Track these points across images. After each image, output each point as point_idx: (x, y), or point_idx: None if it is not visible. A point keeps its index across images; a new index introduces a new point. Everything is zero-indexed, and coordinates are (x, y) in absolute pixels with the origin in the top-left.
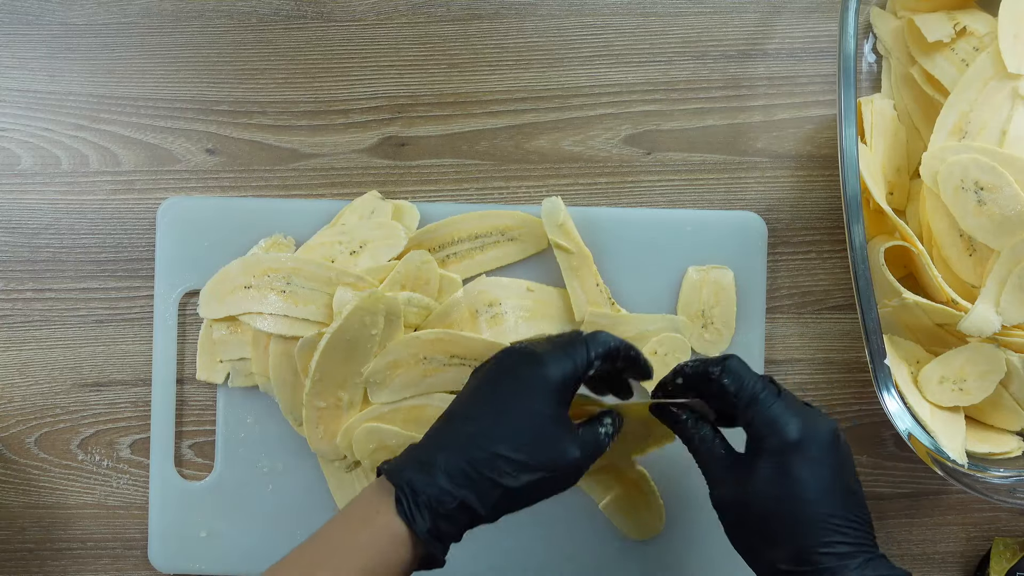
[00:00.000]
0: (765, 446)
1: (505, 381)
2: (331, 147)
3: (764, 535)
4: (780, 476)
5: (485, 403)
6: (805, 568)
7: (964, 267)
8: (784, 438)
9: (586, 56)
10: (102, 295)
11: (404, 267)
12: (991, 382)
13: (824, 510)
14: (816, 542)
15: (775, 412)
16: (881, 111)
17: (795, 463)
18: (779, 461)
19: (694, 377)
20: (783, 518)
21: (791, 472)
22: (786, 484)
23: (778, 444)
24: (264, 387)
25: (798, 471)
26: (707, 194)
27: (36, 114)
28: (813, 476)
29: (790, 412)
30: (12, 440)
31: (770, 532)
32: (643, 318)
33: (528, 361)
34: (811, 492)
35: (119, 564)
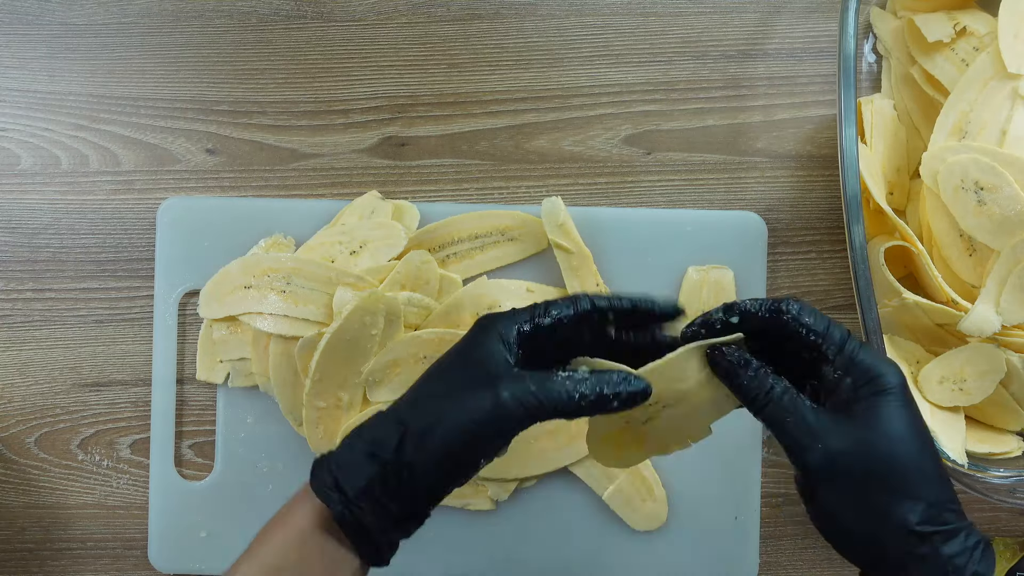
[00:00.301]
0: (866, 390)
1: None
2: (331, 147)
3: (888, 490)
4: (894, 420)
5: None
6: (942, 528)
7: (964, 267)
8: (888, 381)
9: (586, 56)
10: (102, 295)
11: (404, 267)
12: (991, 382)
13: (936, 459)
14: (947, 495)
15: (871, 357)
16: (881, 111)
17: (902, 408)
18: (888, 405)
19: (756, 318)
20: (912, 466)
21: (905, 416)
22: (904, 428)
23: (882, 388)
24: (264, 387)
25: (911, 415)
26: (707, 194)
27: (36, 114)
28: (920, 423)
29: (882, 357)
30: (12, 440)
31: (896, 484)
32: None
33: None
34: (925, 438)
35: (119, 564)
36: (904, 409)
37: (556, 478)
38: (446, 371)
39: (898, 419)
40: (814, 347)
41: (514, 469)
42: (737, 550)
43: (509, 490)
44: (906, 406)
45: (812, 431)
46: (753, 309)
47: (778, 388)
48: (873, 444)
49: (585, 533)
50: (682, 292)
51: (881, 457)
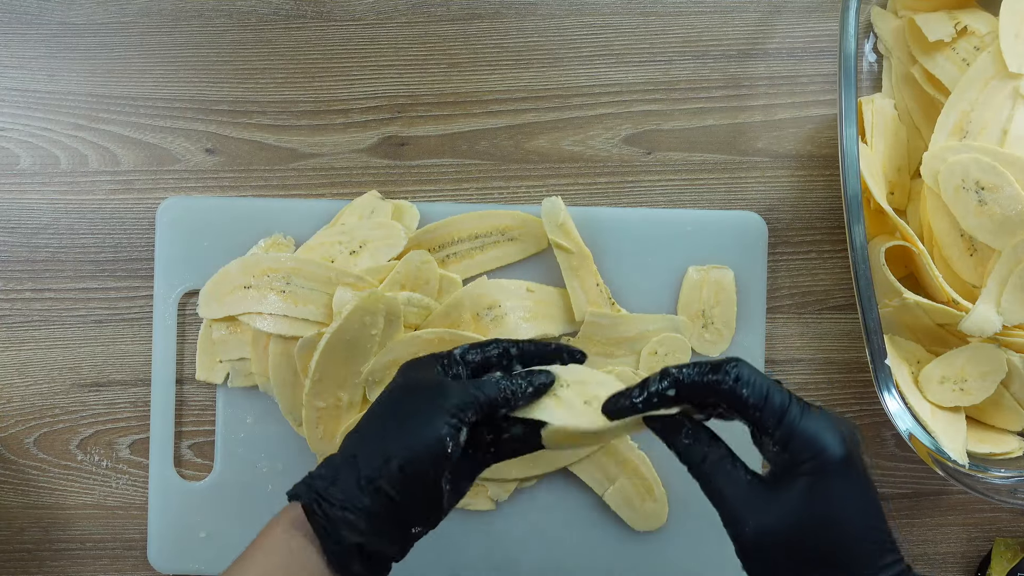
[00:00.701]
0: (806, 467)
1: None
2: (331, 147)
3: (814, 566)
4: (831, 499)
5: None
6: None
7: (965, 267)
8: (829, 456)
9: (586, 56)
10: (101, 295)
11: (404, 267)
12: (992, 382)
13: (873, 527)
14: (876, 564)
15: (812, 427)
16: (882, 111)
17: (844, 482)
18: (827, 482)
19: (692, 387)
20: (841, 545)
21: (842, 492)
22: (840, 507)
23: (822, 464)
24: (264, 387)
25: (849, 490)
26: (707, 194)
27: (35, 113)
28: (862, 493)
29: (825, 425)
30: (11, 440)
31: (822, 562)
32: (643, 318)
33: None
34: (862, 511)
35: (118, 565)
36: (842, 482)
37: (556, 478)
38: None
39: (831, 495)
40: (753, 419)
41: (514, 469)
42: None
43: (509, 490)
44: (845, 477)
45: (743, 506)
46: (688, 380)
47: (712, 456)
48: (801, 525)
49: (585, 533)
50: (682, 292)
51: (807, 537)
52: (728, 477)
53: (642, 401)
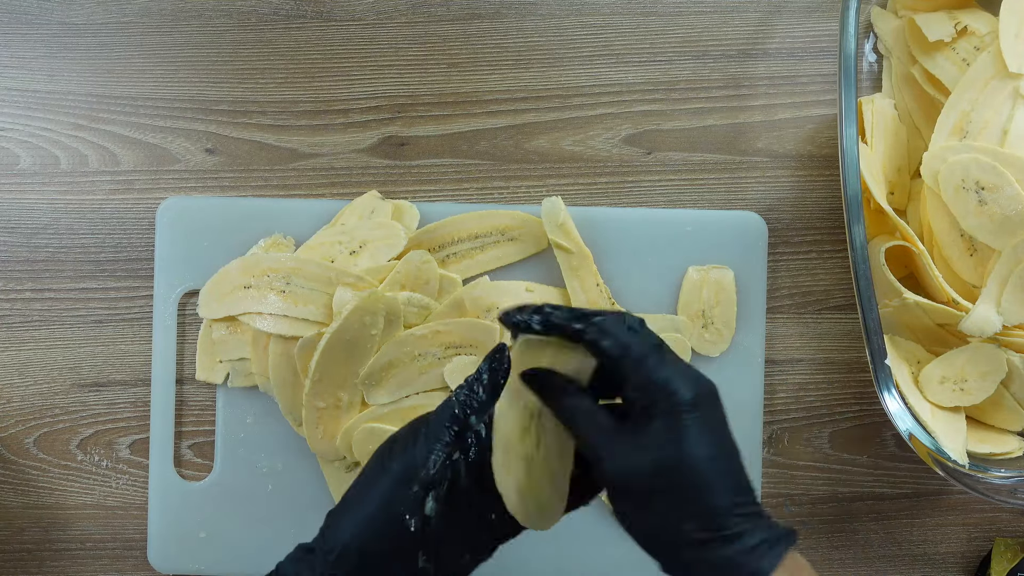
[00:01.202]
0: (658, 409)
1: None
2: (331, 147)
3: (671, 504)
4: (683, 438)
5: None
6: (722, 533)
7: (965, 267)
8: (679, 399)
9: (586, 56)
10: (101, 295)
11: (404, 267)
12: (992, 382)
13: (724, 470)
14: (728, 502)
15: (665, 374)
16: (882, 111)
17: (694, 424)
18: (677, 422)
19: (559, 328)
20: (693, 481)
21: (693, 432)
22: (690, 445)
23: (673, 406)
24: (264, 387)
25: (699, 432)
26: (707, 194)
27: (35, 114)
28: (713, 436)
29: (678, 373)
30: (11, 440)
31: (678, 500)
32: None
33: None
34: (714, 451)
35: (118, 565)
36: (691, 421)
37: None
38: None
39: (681, 433)
40: (614, 368)
41: None
42: None
43: None
44: (695, 418)
45: (606, 448)
46: (556, 321)
47: (573, 405)
48: (654, 458)
49: (585, 533)
50: (682, 292)
51: (663, 474)
52: (592, 423)
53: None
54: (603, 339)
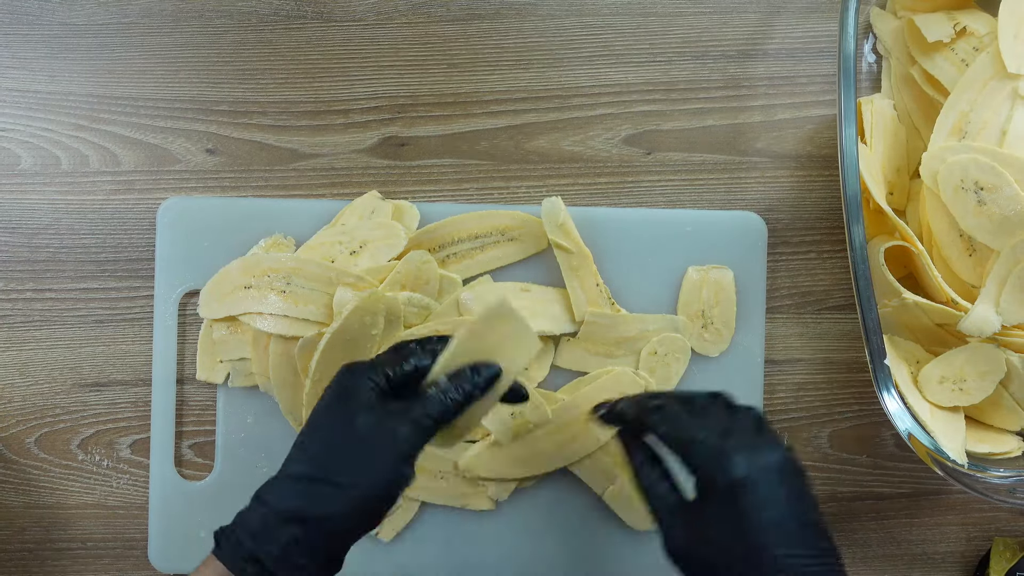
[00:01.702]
0: (713, 487)
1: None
2: (331, 147)
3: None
4: (730, 518)
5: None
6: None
7: (964, 267)
8: (729, 476)
9: (586, 56)
10: (102, 295)
11: (404, 267)
12: (991, 382)
13: (781, 549)
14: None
15: (717, 451)
16: (881, 111)
17: (744, 503)
18: (728, 502)
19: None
20: (737, 562)
21: (741, 513)
22: (737, 526)
23: (725, 484)
24: (264, 387)
25: (748, 511)
26: (707, 194)
27: (36, 114)
28: (765, 514)
29: (734, 448)
30: (12, 440)
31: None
32: (643, 318)
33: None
34: (763, 532)
35: (119, 564)
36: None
37: (556, 478)
38: (337, 419)
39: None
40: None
41: (514, 469)
42: None
43: (509, 490)
44: (751, 497)
45: (667, 524)
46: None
47: (650, 481)
48: (706, 540)
49: (585, 533)
50: (682, 292)
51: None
52: (660, 496)
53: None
54: (664, 427)
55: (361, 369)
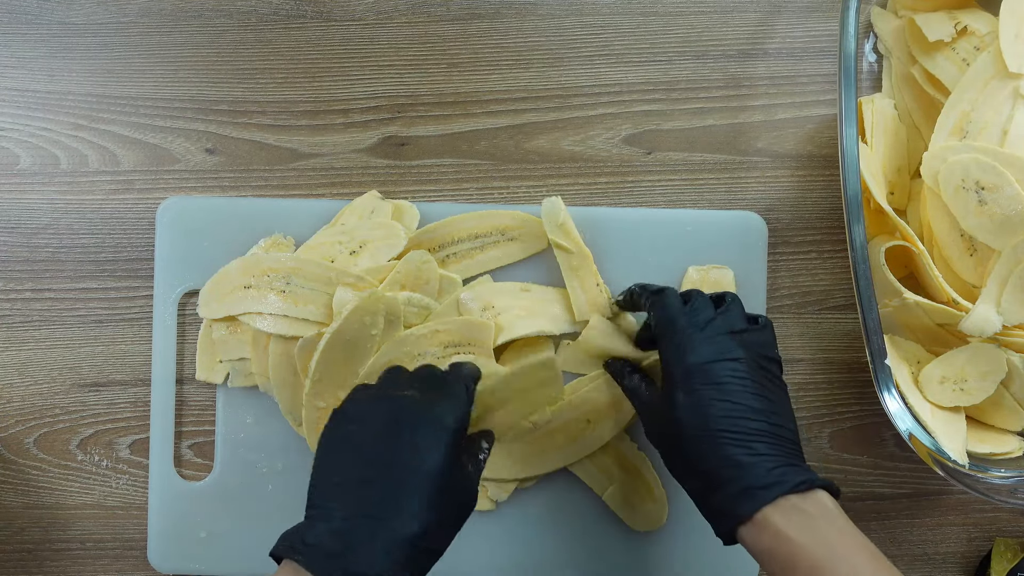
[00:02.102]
0: (672, 374)
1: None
2: (331, 147)
3: (688, 459)
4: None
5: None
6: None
7: (965, 267)
8: (684, 365)
9: (586, 56)
10: (101, 295)
11: (404, 267)
12: (992, 382)
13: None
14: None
15: (680, 341)
16: (882, 111)
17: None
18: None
19: (631, 302)
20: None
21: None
22: (680, 415)
23: (681, 371)
24: (264, 387)
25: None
26: (707, 194)
27: (35, 113)
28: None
29: (695, 340)
30: (11, 440)
31: (691, 455)
32: (643, 318)
33: (420, 411)
34: (701, 417)
35: (118, 564)
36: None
37: (556, 478)
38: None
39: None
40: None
41: (514, 469)
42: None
43: (509, 490)
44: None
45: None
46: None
47: (629, 384)
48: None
49: (585, 533)
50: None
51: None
52: (636, 391)
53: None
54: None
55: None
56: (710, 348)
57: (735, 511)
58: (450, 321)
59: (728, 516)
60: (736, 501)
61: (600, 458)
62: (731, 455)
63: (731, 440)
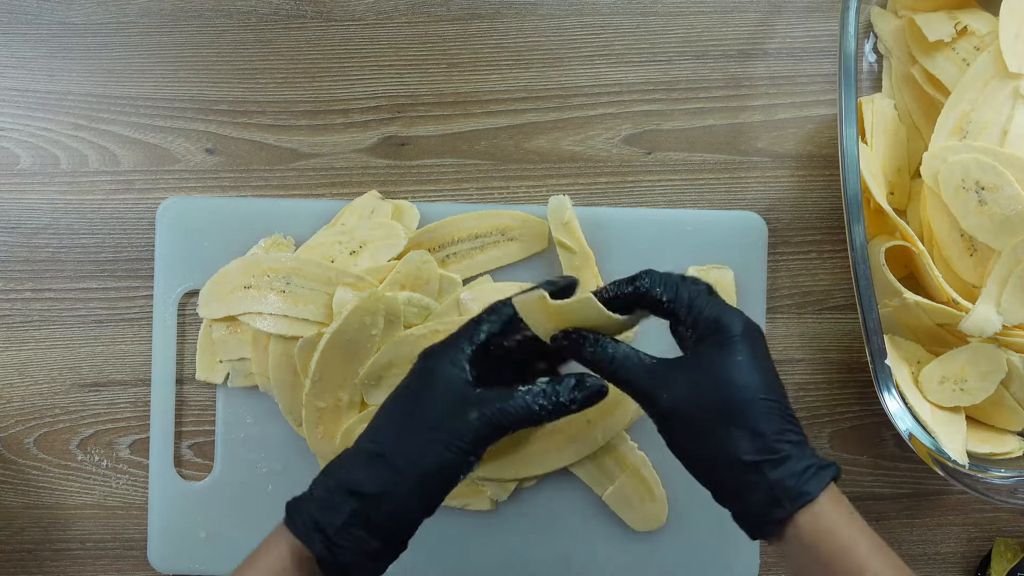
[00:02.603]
0: (710, 340)
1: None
2: (331, 147)
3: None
4: (734, 364)
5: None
6: (771, 456)
7: (965, 267)
8: (729, 331)
9: (586, 56)
10: (101, 295)
11: (404, 267)
12: (992, 382)
13: (771, 396)
14: (777, 427)
15: (716, 310)
16: (882, 111)
17: (744, 353)
18: (729, 350)
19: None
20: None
21: (744, 360)
22: (742, 371)
23: (725, 338)
24: (264, 387)
25: (748, 360)
26: (707, 194)
27: (35, 113)
28: (761, 366)
29: (727, 309)
30: (11, 440)
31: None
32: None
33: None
34: (762, 380)
35: (118, 565)
36: (740, 351)
37: (556, 478)
38: (409, 401)
39: (731, 361)
40: (670, 312)
41: (514, 469)
42: (737, 551)
43: (509, 490)
44: (744, 348)
45: (653, 384)
46: (612, 294)
47: (618, 353)
48: (707, 386)
49: (585, 533)
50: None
51: (715, 397)
52: (632, 363)
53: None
54: (656, 287)
55: (440, 350)
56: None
57: (802, 488)
58: (450, 321)
59: (793, 495)
60: (801, 478)
61: (600, 458)
62: (786, 428)
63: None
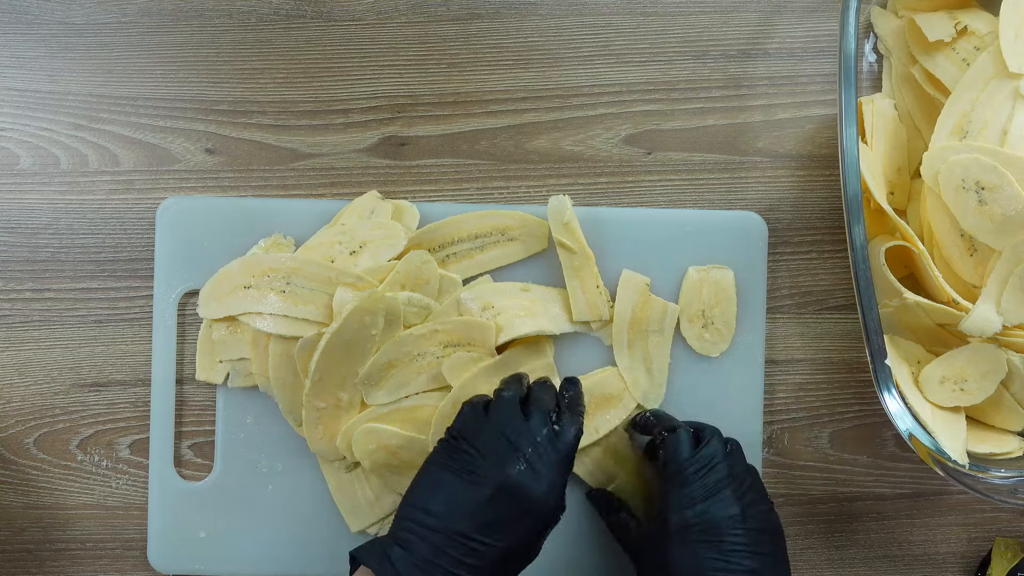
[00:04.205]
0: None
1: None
2: (331, 147)
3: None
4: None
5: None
6: None
7: (965, 267)
8: (683, 516)
9: (586, 56)
10: (101, 295)
11: (404, 267)
12: (992, 382)
13: None
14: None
15: (682, 491)
16: (882, 111)
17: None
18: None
19: (644, 428)
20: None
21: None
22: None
23: (679, 522)
24: (264, 387)
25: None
26: (707, 194)
27: (35, 114)
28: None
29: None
30: (11, 440)
31: None
32: None
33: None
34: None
35: (118, 565)
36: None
37: None
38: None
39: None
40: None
41: None
42: None
43: None
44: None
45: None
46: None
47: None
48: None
49: (585, 533)
50: (682, 292)
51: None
52: (625, 536)
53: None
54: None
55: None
56: (712, 503)
57: None
58: (450, 321)
59: None
60: None
61: (600, 457)
62: None
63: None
